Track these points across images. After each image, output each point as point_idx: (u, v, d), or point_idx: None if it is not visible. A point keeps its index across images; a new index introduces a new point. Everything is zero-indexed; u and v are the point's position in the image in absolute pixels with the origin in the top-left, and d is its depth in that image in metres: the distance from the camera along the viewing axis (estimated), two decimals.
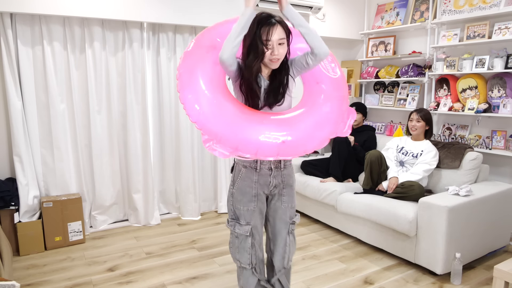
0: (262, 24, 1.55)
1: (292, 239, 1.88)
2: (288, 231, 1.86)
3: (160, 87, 3.53)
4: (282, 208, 1.84)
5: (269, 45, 1.56)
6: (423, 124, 3.04)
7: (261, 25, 1.55)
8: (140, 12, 3.16)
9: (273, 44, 1.57)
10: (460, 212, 2.51)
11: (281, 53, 1.60)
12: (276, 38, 1.56)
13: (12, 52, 2.86)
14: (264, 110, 1.70)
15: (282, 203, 1.84)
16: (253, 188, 1.77)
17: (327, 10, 4.10)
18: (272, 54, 1.58)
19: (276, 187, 1.81)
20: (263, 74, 1.70)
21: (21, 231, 2.91)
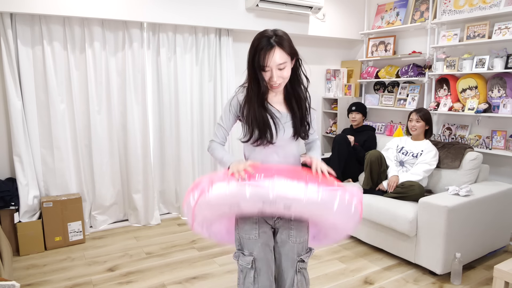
0: (260, 48, 1.43)
1: (301, 278, 1.62)
2: (295, 270, 1.61)
3: (160, 87, 3.53)
4: (289, 243, 1.61)
5: (267, 70, 1.45)
6: (423, 124, 3.04)
7: (259, 49, 1.43)
8: (140, 12, 3.16)
9: (272, 69, 1.45)
10: (460, 212, 2.51)
11: (284, 76, 1.48)
12: (275, 63, 1.44)
13: (12, 52, 2.86)
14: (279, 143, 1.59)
15: (289, 238, 1.62)
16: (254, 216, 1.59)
17: (327, 10, 4.10)
18: (271, 80, 1.47)
19: (282, 218, 1.62)
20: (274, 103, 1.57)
21: (21, 231, 2.91)
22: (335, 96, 4.44)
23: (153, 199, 3.54)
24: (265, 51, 1.41)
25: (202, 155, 3.81)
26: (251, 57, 1.46)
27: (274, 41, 1.43)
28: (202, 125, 3.75)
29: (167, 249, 3.04)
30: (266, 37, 1.43)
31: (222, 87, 3.75)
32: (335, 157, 3.51)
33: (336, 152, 3.51)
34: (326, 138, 4.68)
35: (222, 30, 3.67)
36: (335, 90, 4.46)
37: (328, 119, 4.66)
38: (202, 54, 3.63)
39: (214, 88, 3.75)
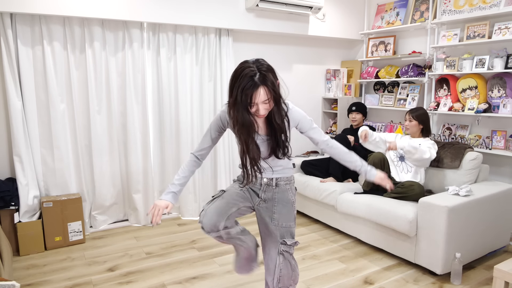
0: (244, 87, 1.48)
1: (283, 261, 1.76)
2: (278, 251, 1.76)
3: (160, 87, 3.53)
4: (271, 225, 1.79)
5: (253, 106, 1.54)
6: (416, 123, 3.04)
7: (245, 89, 1.48)
8: (140, 12, 3.16)
9: (258, 105, 1.53)
10: (460, 212, 2.51)
11: (269, 107, 1.57)
12: (261, 100, 1.52)
13: (12, 52, 2.87)
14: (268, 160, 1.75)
15: (272, 220, 1.79)
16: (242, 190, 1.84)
17: (327, 10, 4.10)
18: (257, 113, 1.56)
19: (266, 201, 1.81)
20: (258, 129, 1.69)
21: (21, 231, 2.91)
22: (335, 96, 4.44)
23: (153, 199, 3.54)
24: (251, 91, 1.48)
25: None
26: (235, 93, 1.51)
27: (259, 80, 1.48)
28: (202, 125, 3.75)
29: (167, 249, 3.04)
30: (250, 76, 1.48)
31: (222, 87, 3.75)
32: None
33: None
34: None
35: (222, 30, 3.67)
36: (335, 90, 4.46)
37: (328, 119, 4.66)
38: (202, 54, 3.63)
39: (214, 88, 3.75)
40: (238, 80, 1.49)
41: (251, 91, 1.48)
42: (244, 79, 1.48)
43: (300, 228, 3.49)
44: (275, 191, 1.80)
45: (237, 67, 1.54)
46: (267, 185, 1.79)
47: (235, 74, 1.52)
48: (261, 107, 1.53)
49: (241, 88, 1.48)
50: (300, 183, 3.64)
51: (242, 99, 1.50)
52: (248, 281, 2.53)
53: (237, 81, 1.50)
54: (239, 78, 1.49)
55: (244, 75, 1.48)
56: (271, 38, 4.13)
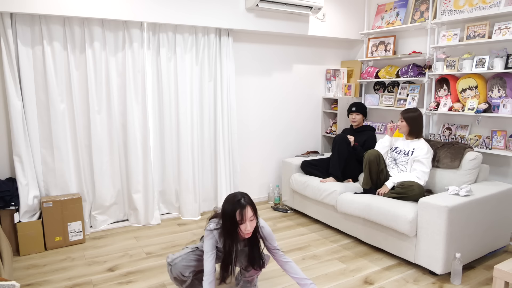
0: (235, 210, 1.91)
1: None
2: None
3: (160, 87, 3.53)
4: None
5: (243, 223, 1.93)
6: (405, 124, 3.07)
7: (235, 211, 1.91)
8: (140, 12, 3.16)
9: (247, 222, 1.93)
10: (460, 212, 2.51)
11: (253, 226, 1.97)
12: (248, 216, 1.93)
13: (12, 52, 2.87)
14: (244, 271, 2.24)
15: None
16: None
17: (327, 10, 4.10)
18: (245, 230, 1.94)
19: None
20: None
21: (21, 231, 2.92)
22: (335, 96, 4.44)
23: (153, 199, 3.54)
24: (241, 210, 1.92)
25: (202, 155, 3.81)
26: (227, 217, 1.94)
27: (245, 202, 1.94)
28: (202, 125, 3.75)
29: (167, 249, 3.04)
30: (238, 200, 1.94)
31: (222, 87, 3.75)
32: (335, 157, 3.52)
33: (336, 152, 3.51)
34: (326, 138, 4.68)
35: (222, 30, 3.67)
36: (335, 90, 4.46)
37: (328, 119, 4.66)
38: (202, 54, 3.63)
39: (214, 88, 3.76)
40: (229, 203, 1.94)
41: (241, 210, 1.92)
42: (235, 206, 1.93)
43: (300, 228, 3.49)
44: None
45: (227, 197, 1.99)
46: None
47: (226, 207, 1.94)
48: (248, 224, 1.93)
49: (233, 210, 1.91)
50: (300, 183, 3.64)
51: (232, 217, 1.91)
52: None
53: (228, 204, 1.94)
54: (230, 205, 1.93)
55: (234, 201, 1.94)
56: (271, 38, 4.13)
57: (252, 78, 4.07)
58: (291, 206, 3.95)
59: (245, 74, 4.03)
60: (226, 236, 2.00)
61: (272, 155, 4.34)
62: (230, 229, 1.95)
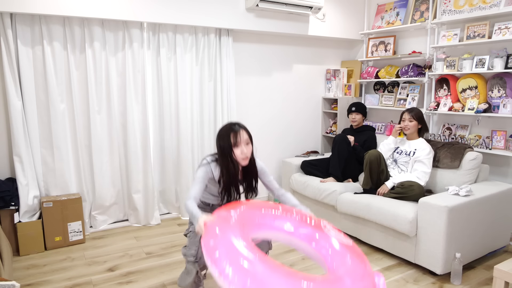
0: (229, 133, 1.94)
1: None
2: None
3: (160, 87, 3.53)
4: None
5: (238, 145, 1.94)
6: (416, 123, 3.07)
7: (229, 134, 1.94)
8: (140, 12, 3.16)
9: (242, 144, 1.95)
10: (460, 212, 2.51)
11: (249, 151, 1.98)
12: (243, 139, 1.95)
13: (12, 52, 2.86)
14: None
15: None
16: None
17: (327, 10, 4.10)
18: (242, 154, 1.95)
19: None
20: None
21: (21, 231, 2.91)
22: (335, 96, 4.44)
23: (153, 199, 3.54)
24: (234, 132, 1.94)
25: (202, 155, 3.81)
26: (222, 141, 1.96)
27: (238, 126, 1.97)
28: (202, 125, 3.75)
29: (167, 249, 3.04)
30: (231, 126, 1.97)
31: (222, 87, 3.75)
32: (335, 157, 3.51)
33: (336, 152, 3.51)
34: (326, 138, 4.68)
35: (222, 30, 3.67)
36: (335, 90, 4.46)
37: (328, 119, 4.66)
38: (202, 54, 3.63)
39: (214, 88, 3.75)
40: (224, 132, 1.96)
41: (234, 132, 1.94)
42: (228, 130, 1.95)
43: None
44: None
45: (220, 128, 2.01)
46: None
47: (221, 133, 1.97)
48: (244, 148, 1.95)
49: (227, 134, 1.93)
50: (300, 183, 3.64)
51: (227, 142, 1.93)
52: None
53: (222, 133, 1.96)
54: (224, 130, 1.96)
55: (227, 127, 1.96)
56: (271, 38, 4.13)
57: (252, 78, 4.07)
58: None
59: (245, 74, 4.03)
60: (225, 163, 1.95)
61: (272, 155, 4.34)
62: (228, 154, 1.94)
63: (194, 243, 2.06)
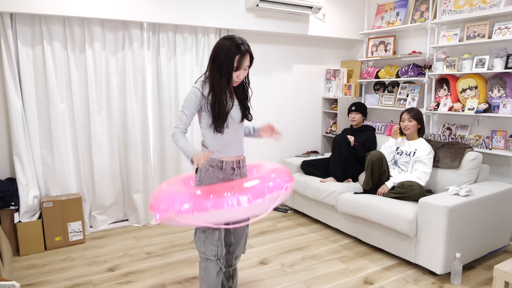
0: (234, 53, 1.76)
1: (248, 229, 2.16)
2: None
3: (160, 87, 3.53)
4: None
5: (238, 70, 1.81)
6: (415, 123, 3.07)
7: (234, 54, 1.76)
8: (140, 12, 3.16)
9: (241, 70, 1.82)
10: (460, 212, 2.51)
11: (245, 75, 1.87)
12: (245, 65, 1.82)
13: (12, 52, 2.86)
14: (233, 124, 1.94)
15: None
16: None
17: (327, 10, 4.10)
18: (237, 78, 1.84)
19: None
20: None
21: (21, 231, 2.91)
22: (335, 96, 4.44)
23: None
24: (241, 56, 1.77)
25: None
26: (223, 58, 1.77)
27: (245, 49, 1.79)
28: None
29: (167, 249, 3.04)
30: (238, 44, 1.77)
31: None
32: (335, 157, 3.52)
33: (336, 152, 3.51)
34: (326, 138, 4.68)
35: (222, 30, 3.67)
36: (335, 90, 4.46)
37: (328, 119, 4.66)
38: (202, 54, 3.63)
39: None
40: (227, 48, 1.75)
41: (240, 56, 1.77)
42: (233, 48, 1.76)
43: (300, 228, 3.49)
44: (242, 172, 2.02)
45: (224, 38, 1.79)
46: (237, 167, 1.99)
47: (223, 46, 1.77)
48: (242, 73, 1.82)
49: (231, 54, 1.75)
50: (300, 183, 3.64)
51: (229, 63, 1.76)
52: (248, 281, 2.53)
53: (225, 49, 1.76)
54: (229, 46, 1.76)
55: (233, 43, 1.76)
56: (271, 38, 4.13)
57: (252, 78, 4.07)
58: (291, 206, 3.95)
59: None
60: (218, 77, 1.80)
61: (272, 155, 4.34)
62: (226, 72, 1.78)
63: (210, 241, 1.91)
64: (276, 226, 3.55)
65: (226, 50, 1.76)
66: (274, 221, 3.70)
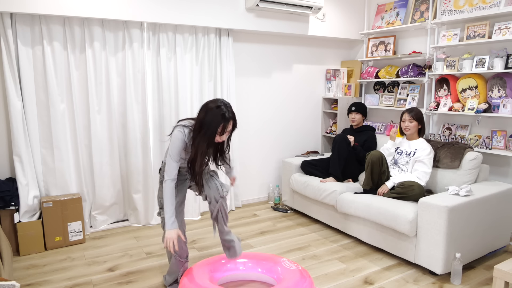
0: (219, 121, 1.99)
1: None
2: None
3: (160, 87, 3.53)
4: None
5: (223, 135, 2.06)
6: (416, 124, 3.07)
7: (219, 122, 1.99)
8: (140, 12, 3.16)
9: (224, 134, 2.06)
10: (460, 212, 2.51)
11: (227, 137, 2.12)
12: (228, 130, 2.06)
13: (12, 52, 2.87)
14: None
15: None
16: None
17: (327, 10, 4.10)
18: (220, 139, 2.07)
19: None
20: None
21: (21, 231, 2.92)
22: (335, 96, 4.44)
23: (153, 199, 3.54)
24: (224, 123, 2.01)
25: None
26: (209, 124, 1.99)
27: (229, 116, 2.02)
28: None
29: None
30: (223, 113, 2.00)
31: (222, 87, 3.75)
32: (335, 157, 3.52)
33: (336, 152, 3.51)
34: (326, 138, 4.68)
35: (222, 30, 3.67)
36: (335, 90, 4.46)
37: (328, 119, 4.66)
38: (202, 54, 3.63)
39: (214, 88, 3.76)
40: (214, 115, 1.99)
41: (225, 123, 2.01)
42: (219, 116, 1.99)
43: (300, 228, 3.49)
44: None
45: (210, 104, 2.03)
46: None
47: (209, 110, 2.01)
48: (225, 135, 2.07)
49: (216, 121, 1.99)
50: (300, 183, 3.64)
51: (213, 129, 1.99)
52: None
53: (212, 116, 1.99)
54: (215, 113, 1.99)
55: (219, 112, 2.00)
56: (271, 38, 4.13)
57: (252, 78, 4.07)
58: (291, 206, 3.95)
59: (245, 74, 4.03)
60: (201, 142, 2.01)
61: (272, 155, 4.34)
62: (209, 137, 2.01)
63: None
64: (276, 226, 3.55)
65: (212, 118, 1.99)
66: (274, 221, 3.70)
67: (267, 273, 2.30)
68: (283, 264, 2.29)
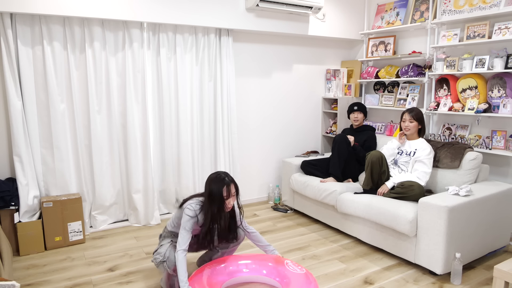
0: (221, 186, 2.17)
1: None
2: None
3: (160, 87, 3.53)
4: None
5: (229, 199, 2.20)
6: (416, 124, 3.07)
7: (221, 187, 2.17)
8: (140, 12, 3.16)
9: (230, 198, 2.21)
10: (460, 212, 2.51)
11: (234, 200, 2.27)
12: (232, 192, 2.22)
13: (12, 52, 2.87)
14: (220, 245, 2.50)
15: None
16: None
17: (327, 10, 4.10)
18: (229, 204, 2.23)
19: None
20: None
21: (21, 231, 2.92)
22: (335, 96, 4.44)
23: (153, 199, 3.54)
24: (227, 187, 2.18)
25: (202, 155, 3.81)
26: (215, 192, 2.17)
27: (229, 180, 2.21)
28: (202, 125, 3.75)
29: None
30: (223, 178, 2.20)
31: (222, 87, 3.75)
32: (335, 157, 3.51)
33: (336, 152, 3.51)
34: (326, 138, 4.68)
35: (222, 30, 3.67)
36: (335, 90, 4.46)
37: (328, 119, 4.66)
38: (202, 54, 3.63)
39: (214, 88, 3.76)
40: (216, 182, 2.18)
41: (226, 186, 2.18)
42: (220, 182, 2.19)
43: (300, 228, 3.49)
44: None
45: (210, 176, 2.23)
46: None
47: (211, 181, 2.20)
48: (231, 200, 2.22)
49: (219, 187, 2.17)
50: (300, 183, 3.64)
51: (220, 194, 2.16)
52: None
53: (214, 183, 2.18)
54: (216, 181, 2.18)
55: (220, 179, 2.19)
56: (271, 38, 4.13)
57: (252, 78, 4.07)
58: (291, 206, 3.95)
59: (245, 74, 4.03)
60: (213, 211, 2.19)
61: (272, 155, 4.34)
62: (218, 204, 2.18)
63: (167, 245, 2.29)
64: (276, 226, 3.55)
65: (215, 185, 2.17)
66: (274, 221, 3.70)
67: (271, 276, 2.32)
68: (286, 267, 2.31)
